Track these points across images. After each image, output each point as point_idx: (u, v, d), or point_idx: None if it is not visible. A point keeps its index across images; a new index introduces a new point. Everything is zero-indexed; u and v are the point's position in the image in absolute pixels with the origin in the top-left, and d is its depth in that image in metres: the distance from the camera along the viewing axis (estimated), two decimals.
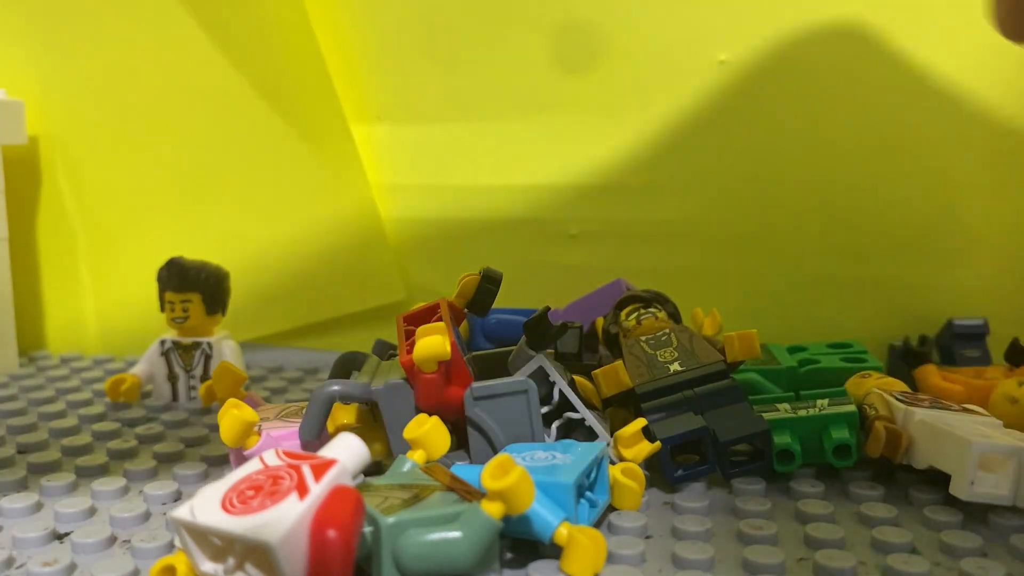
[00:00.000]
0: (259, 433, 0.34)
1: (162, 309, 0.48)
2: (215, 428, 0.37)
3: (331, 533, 0.22)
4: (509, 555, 0.29)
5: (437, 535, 0.25)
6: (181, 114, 0.58)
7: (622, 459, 0.34)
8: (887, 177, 0.51)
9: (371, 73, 0.58)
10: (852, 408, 0.35)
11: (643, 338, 0.39)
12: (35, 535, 0.30)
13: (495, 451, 0.34)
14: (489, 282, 0.37)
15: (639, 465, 0.33)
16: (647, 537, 0.31)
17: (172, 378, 0.48)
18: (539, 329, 0.35)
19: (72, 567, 0.28)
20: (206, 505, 0.24)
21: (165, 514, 0.32)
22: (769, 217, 0.53)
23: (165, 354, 0.48)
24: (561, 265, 0.57)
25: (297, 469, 0.24)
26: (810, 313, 0.53)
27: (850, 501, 0.34)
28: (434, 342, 0.32)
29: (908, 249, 0.52)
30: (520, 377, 0.34)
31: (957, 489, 0.31)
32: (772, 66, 0.51)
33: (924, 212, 0.51)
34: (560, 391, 0.34)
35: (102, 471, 0.37)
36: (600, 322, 0.44)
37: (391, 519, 0.25)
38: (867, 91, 0.50)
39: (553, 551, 0.28)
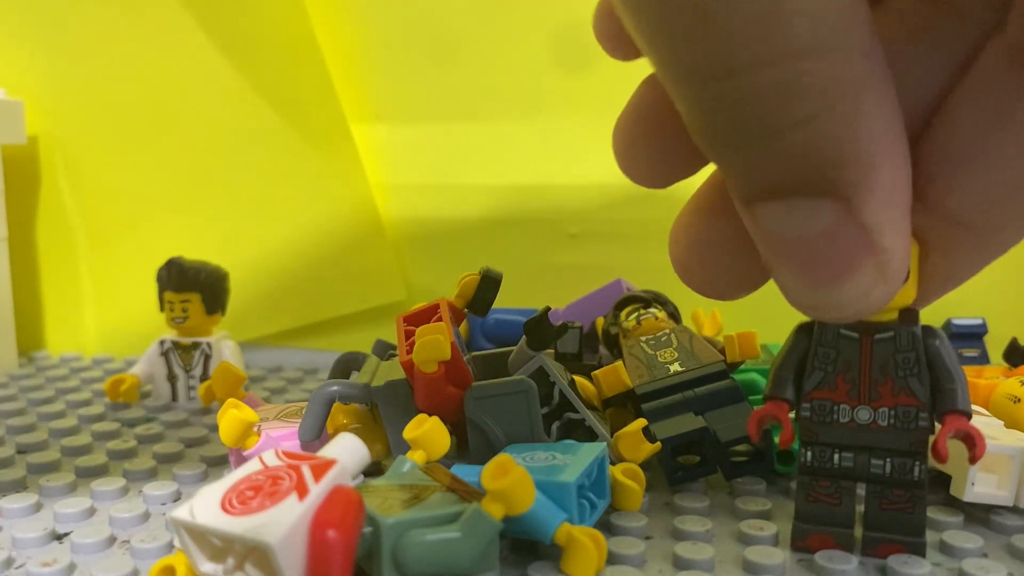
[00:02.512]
0: (259, 433, 0.34)
1: (162, 309, 0.48)
2: (215, 428, 0.37)
3: (331, 533, 0.22)
4: (509, 555, 0.29)
5: (437, 535, 0.25)
6: (181, 114, 0.58)
7: (622, 459, 0.34)
8: None
9: (371, 73, 0.58)
10: None
11: (643, 339, 0.39)
12: (34, 535, 0.30)
13: (495, 451, 0.34)
14: (489, 282, 0.37)
15: (639, 465, 0.33)
16: (647, 538, 0.31)
17: (172, 378, 0.48)
18: (539, 329, 0.35)
19: (71, 567, 0.28)
20: (206, 505, 0.23)
21: (165, 514, 0.32)
22: None
23: (165, 354, 0.48)
24: (561, 265, 0.56)
25: (297, 469, 0.24)
26: None
27: None
28: (434, 342, 0.32)
29: None
30: (520, 377, 0.34)
31: (958, 490, 0.31)
32: None
33: None
34: (560, 391, 0.34)
35: (102, 471, 0.37)
36: (600, 322, 0.44)
37: (391, 519, 0.25)
38: None
39: (553, 551, 0.28)
